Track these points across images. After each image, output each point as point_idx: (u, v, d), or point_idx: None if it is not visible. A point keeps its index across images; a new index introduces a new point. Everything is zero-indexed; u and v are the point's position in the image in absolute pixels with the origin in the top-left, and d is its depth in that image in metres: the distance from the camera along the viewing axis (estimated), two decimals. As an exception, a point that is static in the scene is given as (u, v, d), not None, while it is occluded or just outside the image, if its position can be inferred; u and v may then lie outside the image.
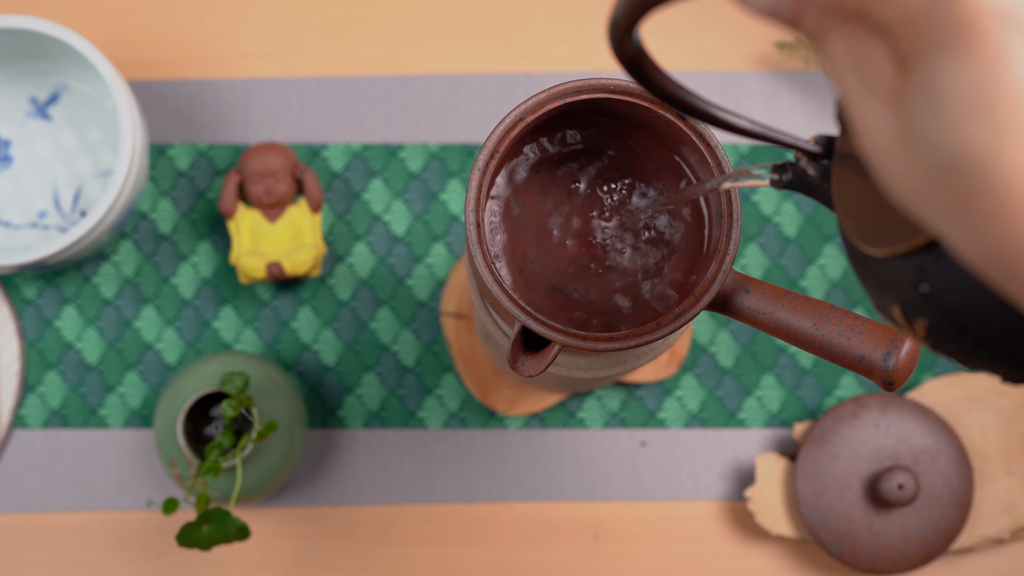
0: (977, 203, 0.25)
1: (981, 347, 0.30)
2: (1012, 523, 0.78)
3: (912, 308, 0.32)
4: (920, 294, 0.31)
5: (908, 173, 0.27)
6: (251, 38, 0.85)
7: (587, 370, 0.58)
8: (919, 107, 0.26)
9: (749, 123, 0.37)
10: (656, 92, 0.35)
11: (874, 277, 0.33)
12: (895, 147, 0.27)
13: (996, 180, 0.25)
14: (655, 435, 0.81)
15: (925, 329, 0.32)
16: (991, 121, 0.24)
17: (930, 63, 0.25)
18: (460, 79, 0.84)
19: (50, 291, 0.82)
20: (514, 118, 0.51)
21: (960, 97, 0.25)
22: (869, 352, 0.49)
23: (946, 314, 0.30)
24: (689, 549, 0.80)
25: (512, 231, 0.53)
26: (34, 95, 0.81)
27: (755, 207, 0.83)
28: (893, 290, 0.32)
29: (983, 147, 0.24)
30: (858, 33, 0.28)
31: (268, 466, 0.74)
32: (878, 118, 0.28)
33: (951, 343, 0.31)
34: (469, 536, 0.80)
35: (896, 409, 0.77)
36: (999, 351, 0.30)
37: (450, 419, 0.81)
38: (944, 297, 0.30)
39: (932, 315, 0.31)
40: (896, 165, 0.27)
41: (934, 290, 0.30)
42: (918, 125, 0.26)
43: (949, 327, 0.31)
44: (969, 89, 0.24)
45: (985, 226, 0.25)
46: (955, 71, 0.25)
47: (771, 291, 0.51)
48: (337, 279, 0.82)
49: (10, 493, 0.80)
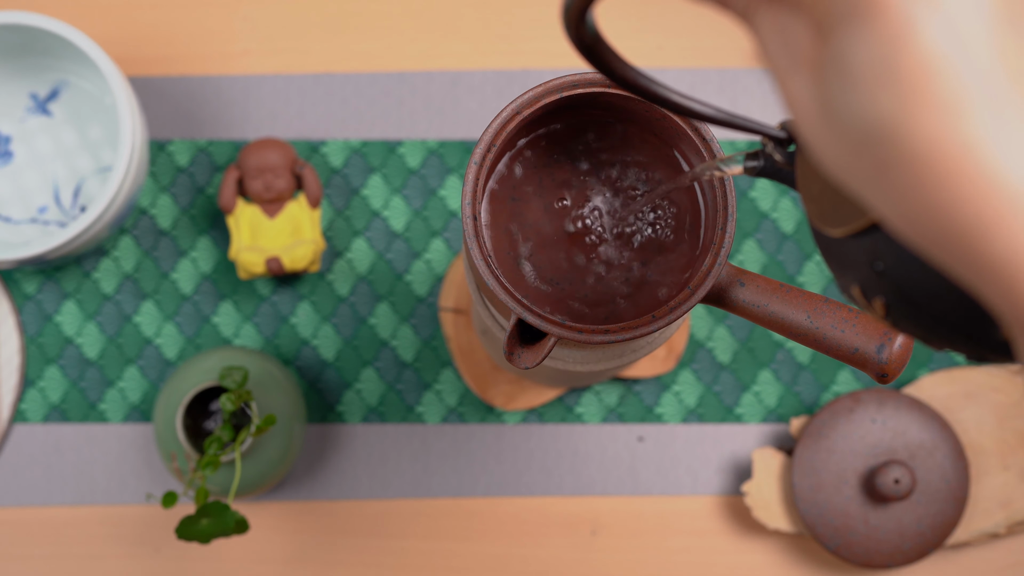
0: (894, 172, 0.25)
1: (938, 324, 0.31)
2: (1008, 518, 0.78)
3: (870, 287, 0.32)
4: (875, 272, 0.31)
5: (831, 145, 0.27)
6: (250, 35, 0.85)
7: (584, 364, 0.58)
8: (832, 79, 0.26)
9: (714, 110, 0.38)
10: (615, 79, 0.36)
11: (835, 258, 0.34)
12: (818, 120, 0.27)
13: (909, 148, 0.25)
14: (652, 430, 0.82)
15: (883, 308, 0.32)
16: (898, 90, 0.25)
17: (839, 35, 0.26)
18: (459, 75, 0.85)
19: (50, 286, 0.82)
20: (510, 112, 0.51)
21: (868, 68, 0.25)
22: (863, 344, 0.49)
23: (900, 292, 0.31)
24: (686, 544, 0.81)
25: (509, 225, 0.54)
26: (34, 91, 0.81)
27: (752, 203, 0.83)
28: (852, 270, 0.33)
29: (893, 116, 0.25)
30: (781, 10, 0.29)
31: (267, 460, 0.74)
32: (802, 92, 0.28)
33: (909, 321, 0.31)
34: (467, 530, 0.81)
35: (892, 404, 0.77)
36: (955, 327, 0.30)
37: (448, 414, 0.82)
38: (896, 274, 0.31)
39: (888, 293, 0.31)
40: (820, 138, 0.28)
41: (887, 268, 0.31)
42: (833, 97, 0.26)
43: (905, 305, 0.31)
44: (876, 60, 0.25)
45: (905, 194, 0.26)
46: (862, 42, 0.25)
47: (766, 284, 0.51)
48: (336, 274, 0.82)
49: (10, 487, 0.81)
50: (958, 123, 0.24)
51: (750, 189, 0.84)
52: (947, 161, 0.24)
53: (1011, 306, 0.25)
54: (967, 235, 0.25)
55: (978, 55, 0.24)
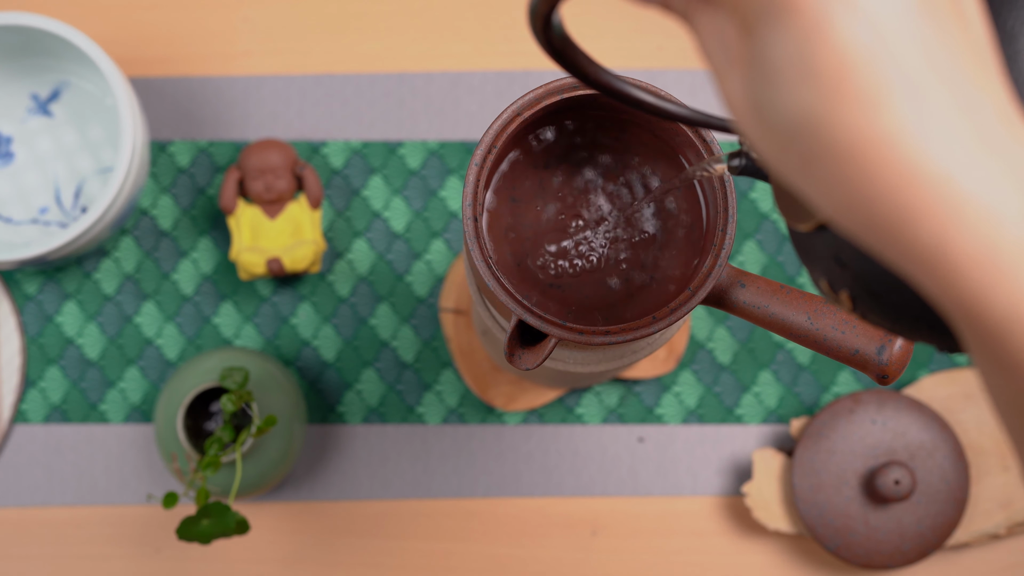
0: (820, 164, 0.26)
1: (901, 314, 0.31)
2: (1008, 519, 0.78)
3: (835, 280, 0.33)
4: (838, 265, 0.32)
5: (763, 140, 0.28)
6: (251, 35, 0.85)
7: (584, 365, 0.58)
8: (757, 76, 0.27)
9: (686, 110, 0.38)
10: (584, 80, 0.36)
11: (804, 252, 0.34)
12: (750, 116, 0.28)
13: (831, 141, 0.25)
14: (653, 431, 0.82)
15: (850, 300, 0.33)
16: (817, 85, 0.25)
17: (760, 33, 0.26)
18: (459, 76, 0.85)
19: (51, 287, 0.82)
20: (511, 113, 0.51)
21: (787, 64, 0.26)
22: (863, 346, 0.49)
23: (862, 284, 0.31)
24: (686, 544, 0.81)
25: (509, 226, 0.54)
26: (35, 92, 0.81)
27: (753, 204, 0.84)
28: (819, 263, 0.33)
29: (813, 110, 0.25)
30: (715, 10, 0.29)
31: (267, 461, 0.74)
32: (735, 89, 0.29)
33: (875, 312, 0.32)
34: (467, 531, 0.81)
35: (892, 405, 0.77)
36: (918, 318, 0.31)
37: (449, 415, 0.82)
38: (856, 267, 0.31)
39: (852, 286, 0.32)
40: (754, 133, 0.28)
41: (848, 260, 0.31)
42: (759, 93, 0.27)
43: (868, 296, 0.31)
44: (794, 56, 0.25)
45: (832, 186, 0.26)
46: (780, 39, 0.26)
47: (766, 285, 0.52)
48: (337, 275, 0.83)
49: (11, 488, 0.81)
50: (877, 115, 0.25)
51: (750, 190, 0.84)
52: (869, 152, 0.25)
53: (943, 291, 0.26)
54: (894, 224, 0.25)
55: (895, 47, 0.25)
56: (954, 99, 0.25)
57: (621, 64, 0.85)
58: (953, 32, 0.25)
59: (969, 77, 0.25)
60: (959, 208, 0.24)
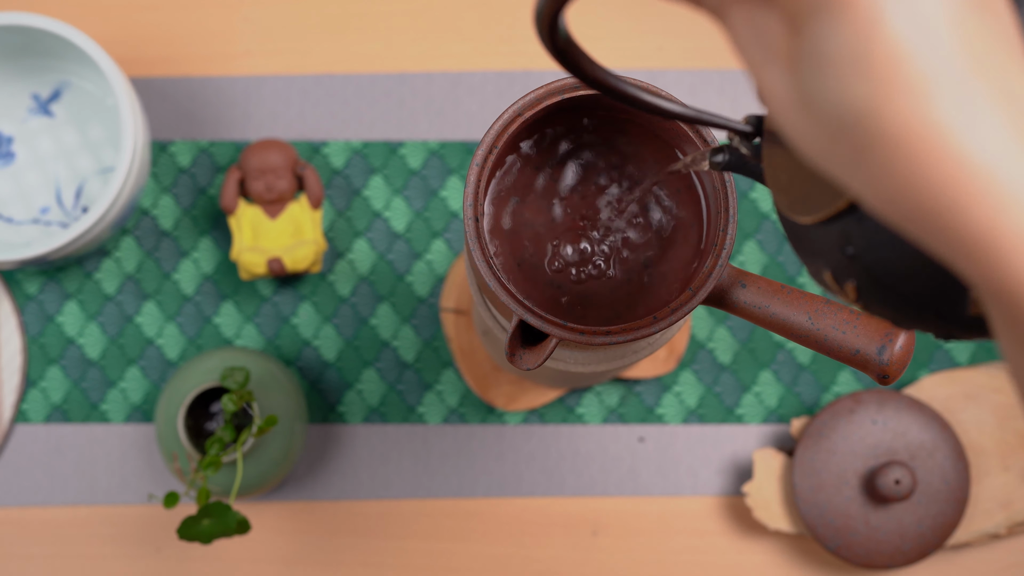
0: (871, 154, 0.27)
1: (907, 303, 0.32)
2: (1008, 519, 0.78)
3: (841, 271, 0.33)
4: (846, 257, 0.33)
5: (809, 133, 0.28)
6: (252, 35, 0.85)
7: (585, 365, 0.58)
8: (807, 69, 0.28)
9: (684, 108, 0.38)
10: (586, 80, 0.36)
11: (806, 245, 0.35)
12: (795, 109, 0.29)
13: (883, 131, 0.26)
14: (653, 431, 0.82)
15: (855, 291, 0.33)
16: (870, 77, 0.26)
17: (812, 27, 0.27)
18: (460, 76, 0.85)
19: (52, 287, 0.82)
20: (512, 113, 0.51)
21: (840, 57, 0.26)
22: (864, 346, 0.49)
23: (871, 274, 0.32)
24: (687, 544, 0.81)
25: (510, 226, 0.54)
26: (36, 92, 0.81)
27: (753, 204, 0.84)
28: (823, 256, 0.34)
29: (867, 102, 0.26)
30: (753, 5, 0.30)
31: (268, 461, 0.74)
32: (777, 83, 0.29)
33: (880, 303, 0.33)
34: (468, 531, 0.81)
35: (893, 405, 0.77)
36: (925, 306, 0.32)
37: (449, 414, 0.82)
38: (867, 257, 0.32)
39: (859, 276, 0.33)
40: (798, 126, 0.29)
41: (858, 251, 0.32)
42: (809, 86, 0.28)
43: (876, 287, 0.32)
44: (847, 49, 0.26)
45: (881, 176, 0.27)
46: (834, 34, 0.26)
47: (767, 285, 0.52)
48: (337, 275, 0.83)
49: (12, 487, 0.81)
50: (926, 106, 0.26)
51: (751, 190, 0.84)
52: (918, 143, 0.26)
53: (984, 278, 0.27)
54: (941, 212, 0.26)
55: (943, 41, 0.26)
56: (997, 91, 0.26)
57: (622, 64, 0.85)
58: (991, 25, 0.26)
59: (1007, 68, 0.26)
60: (1005, 197, 0.25)
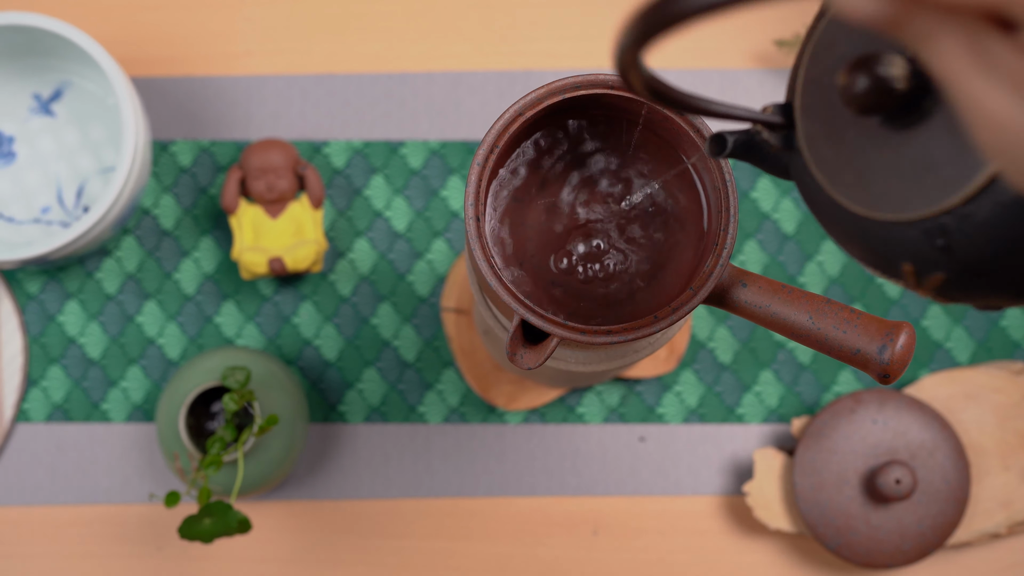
0: None
1: (994, 288, 0.33)
2: (1008, 518, 0.78)
3: (927, 264, 0.34)
4: (936, 249, 0.33)
5: None
6: (253, 35, 0.85)
7: (586, 364, 0.58)
8: None
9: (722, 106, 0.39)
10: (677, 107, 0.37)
11: (873, 238, 0.35)
12: None
13: None
14: (654, 430, 0.82)
15: (940, 280, 0.34)
16: None
17: None
18: (460, 76, 0.85)
19: (53, 286, 0.82)
20: (513, 113, 0.51)
21: None
22: (865, 345, 0.49)
23: (966, 266, 0.33)
24: (687, 543, 0.81)
25: (511, 226, 0.54)
26: (37, 91, 0.82)
27: (754, 204, 0.84)
28: (902, 248, 0.35)
29: None
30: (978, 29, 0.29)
31: (269, 460, 0.74)
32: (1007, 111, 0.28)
33: (968, 291, 0.34)
34: (468, 530, 0.81)
35: (893, 405, 0.77)
36: (1012, 290, 0.33)
37: (450, 414, 0.82)
38: (963, 252, 0.33)
39: (949, 268, 0.34)
40: None
41: (955, 247, 0.33)
42: None
43: (969, 276, 0.33)
44: None
45: None
46: None
47: (768, 285, 0.52)
48: (338, 275, 0.83)
49: (13, 487, 0.81)
50: None
51: (752, 190, 0.84)
52: None
53: None
54: None
55: None
56: None
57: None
58: None
59: None
60: None
